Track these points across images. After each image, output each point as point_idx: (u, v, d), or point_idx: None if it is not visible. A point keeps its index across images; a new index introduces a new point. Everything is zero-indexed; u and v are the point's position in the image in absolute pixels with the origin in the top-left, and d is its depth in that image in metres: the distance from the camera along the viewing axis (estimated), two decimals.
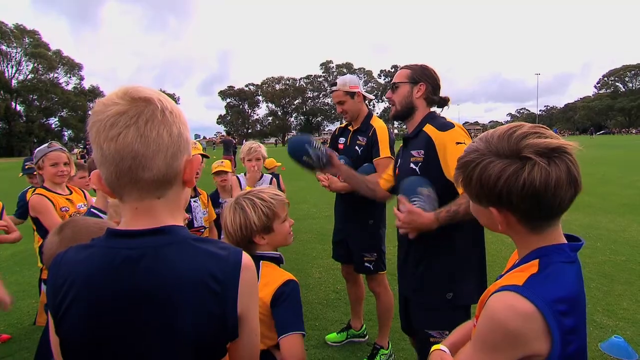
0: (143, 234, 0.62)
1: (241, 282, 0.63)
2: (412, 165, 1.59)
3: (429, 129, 1.56)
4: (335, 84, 2.30)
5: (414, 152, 1.59)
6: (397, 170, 1.75)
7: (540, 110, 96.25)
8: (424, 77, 1.64)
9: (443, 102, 1.68)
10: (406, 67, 1.71)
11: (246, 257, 0.66)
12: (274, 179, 2.87)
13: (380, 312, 2.39)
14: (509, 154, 0.67)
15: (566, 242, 0.73)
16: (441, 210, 1.43)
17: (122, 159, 0.58)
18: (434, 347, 0.89)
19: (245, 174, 2.76)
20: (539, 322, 0.63)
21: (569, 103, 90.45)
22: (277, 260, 1.17)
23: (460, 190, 1.44)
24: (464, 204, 1.39)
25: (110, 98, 0.61)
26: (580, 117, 78.88)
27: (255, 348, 0.69)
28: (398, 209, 1.48)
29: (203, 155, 2.46)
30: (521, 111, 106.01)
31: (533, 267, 0.68)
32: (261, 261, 1.15)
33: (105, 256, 0.62)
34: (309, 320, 2.85)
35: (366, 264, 2.30)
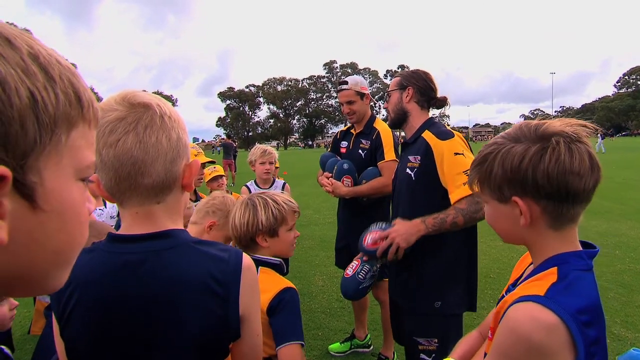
0: (144, 238, 0.65)
1: (242, 283, 0.68)
2: (408, 170, 1.64)
3: (427, 135, 1.61)
4: (346, 82, 2.34)
5: (410, 158, 1.65)
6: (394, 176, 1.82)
7: (555, 111, 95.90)
8: (412, 81, 1.71)
9: (440, 103, 1.74)
10: (398, 75, 1.81)
11: (247, 259, 0.71)
12: (286, 184, 2.87)
13: (385, 320, 2.41)
14: (530, 139, 0.69)
15: (582, 248, 0.73)
16: (428, 217, 1.49)
17: (122, 165, 0.62)
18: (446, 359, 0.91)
19: (255, 181, 2.75)
20: (564, 334, 0.62)
21: (586, 103, 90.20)
22: (278, 268, 1.19)
23: (453, 199, 1.49)
24: (452, 214, 1.45)
25: (109, 103, 0.64)
26: (599, 118, 78.33)
27: (257, 348, 0.73)
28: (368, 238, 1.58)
29: (210, 162, 2.49)
30: (535, 112, 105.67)
31: (552, 275, 0.69)
32: (260, 267, 1.17)
33: (107, 260, 0.66)
34: (311, 330, 2.88)
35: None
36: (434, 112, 1.78)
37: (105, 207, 2.92)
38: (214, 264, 0.67)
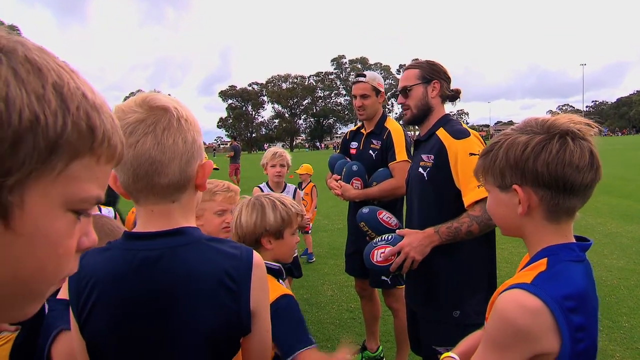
0: (159, 235, 0.74)
1: (253, 279, 0.76)
2: (420, 169, 1.69)
3: (442, 133, 1.65)
4: (363, 75, 2.42)
5: (423, 156, 1.68)
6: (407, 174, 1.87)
7: (587, 107, 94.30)
8: (436, 74, 1.72)
9: (455, 96, 1.78)
10: (412, 66, 1.80)
11: (257, 256, 0.79)
12: (298, 190, 2.99)
13: (399, 331, 2.45)
14: (536, 131, 0.79)
15: (575, 241, 0.82)
16: (441, 226, 1.53)
17: (140, 164, 0.70)
18: (444, 354, 0.98)
19: (267, 183, 2.87)
20: (548, 318, 0.71)
21: (622, 97, 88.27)
22: (276, 273, 1.24)
23: (467, 201, 1.53)
24: (467, 222, 1.49)
25: (129, 105, 0.72)
26: (637, 113, 76.66)
27: (266, 343, 0.82)
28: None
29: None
30: (564, 108, 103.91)
31: (542, 265, 0.77)
32: None
33: (125, 257, 0.74)
34: (320, 342, 2.93)
35: (383, 277, 2.39)
36: (451, 110, 1.82)
37: (100, 212, 3.05)
38: (227, 260, 0.75)
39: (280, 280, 1.27)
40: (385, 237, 1.64)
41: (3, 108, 0.29)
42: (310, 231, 5.06)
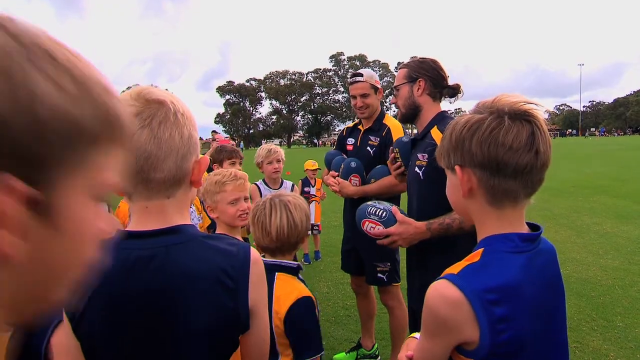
0: (154, 234, 0.73)
1: (251, 276, 0.75)
2: (416, 169, 1.69)
3: (435, 132, 1.65)
4: (360, 75, 2.40)
5: (419, 155, 1.69)
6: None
7: (584, 107, 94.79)
8: (422, 72, 1.72)
9: (453, 92, 1.76)
10: (404, 65, 1.81)
11: (254, 252, 0.78)
12: (295, 186, 3.01)
13: (394, 328, 2.45)
14: (480, 111, 0.79)
15: (524, 231, 0.80)
16: (433, 222, 1.54)
17: (136, 159, 0.68)
18: (410, 335, 0.99)
19: (264, 180, 2.87)
20: (467, 309, 0.72)
21: (619, 97, 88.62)
22: (295, 271, 1.25)
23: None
24: (458, 219, 1.50)
25: (125, 99, 0.70)
26: (634, 114, 77.13)
27: (265, 341, 0.81)
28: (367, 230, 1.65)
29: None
30: (561, 107, 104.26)
31: (476, 256, 0.78)
32: (277, 273, 1.23)
33: (118, 257, 0.72)
34: None
35: (379, 274, 2.39)
36: (449, 108, 1.82)
37: None
38: (223, 258, 0.74)
39: (300, 276, 1.29)
40: (379, 213, 1.65)
41: (38, 108, 0.28)
42: (320, 230, 5.07)
